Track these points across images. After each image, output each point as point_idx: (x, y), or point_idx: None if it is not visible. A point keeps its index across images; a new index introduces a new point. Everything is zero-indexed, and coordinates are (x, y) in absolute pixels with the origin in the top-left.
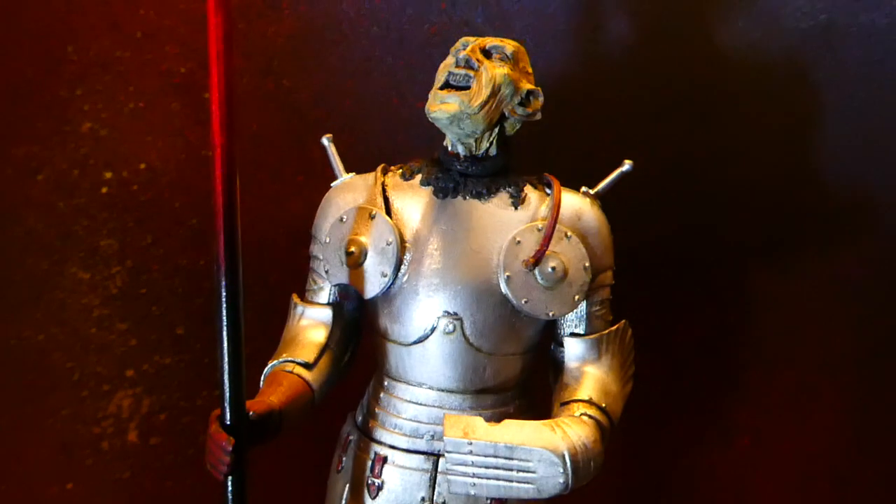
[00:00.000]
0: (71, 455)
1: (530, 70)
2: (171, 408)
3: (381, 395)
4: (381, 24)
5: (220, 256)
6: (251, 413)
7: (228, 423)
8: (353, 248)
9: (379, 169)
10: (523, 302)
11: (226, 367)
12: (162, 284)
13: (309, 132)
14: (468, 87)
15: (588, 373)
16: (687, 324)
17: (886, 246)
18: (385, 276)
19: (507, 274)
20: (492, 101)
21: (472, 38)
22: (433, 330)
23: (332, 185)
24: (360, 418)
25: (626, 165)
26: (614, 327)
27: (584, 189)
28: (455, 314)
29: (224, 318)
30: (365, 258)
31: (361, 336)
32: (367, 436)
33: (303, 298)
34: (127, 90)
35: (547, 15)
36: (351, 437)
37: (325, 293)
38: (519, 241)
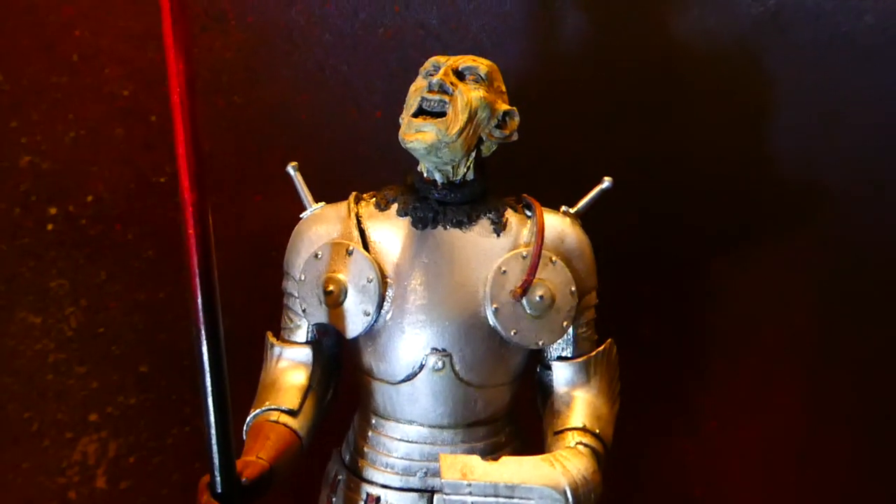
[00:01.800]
0: None
1: (504, 89)
2: (139, 449)
3: (369, 433)
4: (334, 30)
5: (198, 320)
6: (244, 479)
7: (220, 491)
8: (331, 287)
9: (351, 198)
10: (512, 333)
11: (213, 434)
12: (121, 322)
13: (265, 149)
14: (443, 113)
15: (578, 397)
16: (651, 314)
17: (841, 229)
18: (368, 314)
19: (494, 306)
20: (469, 127)
21: (442, 59)
22: (422, 367)
23: (301, 216)
24: (346, 457)
25: (606, 182)
26: (601, 347)
27: (563, 209)
28: (444, 350)
29: (208, 384)
30: (345, 297)
31: (342, 371)
32: (356, 475)
33: (278, 337)
34: (66, 118)
35: (503, 13)
36: (340, 477)
37: (302, 331)
38: (504, 271)
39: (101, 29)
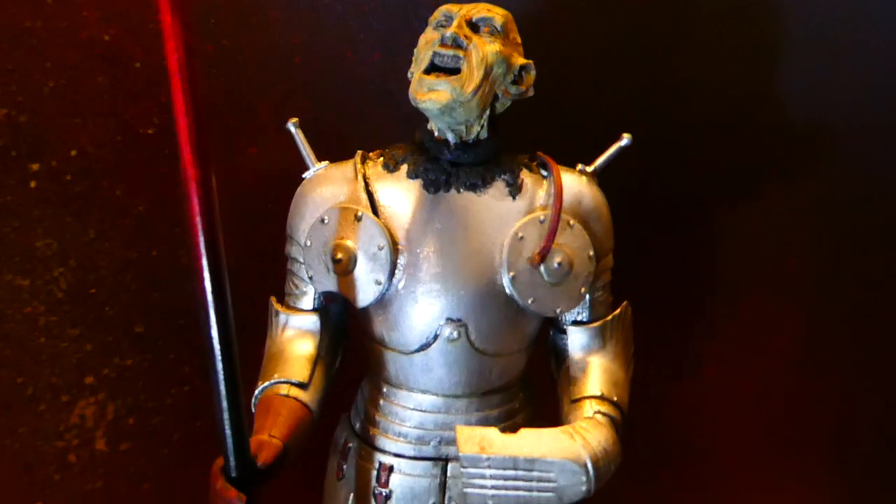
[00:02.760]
0: (36, 473)
1: (519, 40)
2: (138, 410)
3: (381, 402)
4: None
5: (206, 306)
6: (260, 464)
7: (235, 475)
8: (340, 255)
9: (357, 157)
10: (530, 301)
11: (226, 417)
12: (112, 281)
13: (258, 97)
14: (457, 70)
15: (594, 363)
16: (651, 261)
17: (844, 170)
18: (379, 283)
19: (511, 273)
20: (485, 84)
21: (454, 7)
22: (436, 337)
23: (304, 176)
24: (357, 424)
25: (625, 140)
26: (617, 311)
27: (580, 167)
28: (459, 320)
29: (220, 370)
30: (355, 265)
31: (350, 338)
32: (368, 444)
33: (282, 302)
34: (44, 66)
35: None
36: (350, 445)
37: (308, 298)
38: (521, 237)
39: None
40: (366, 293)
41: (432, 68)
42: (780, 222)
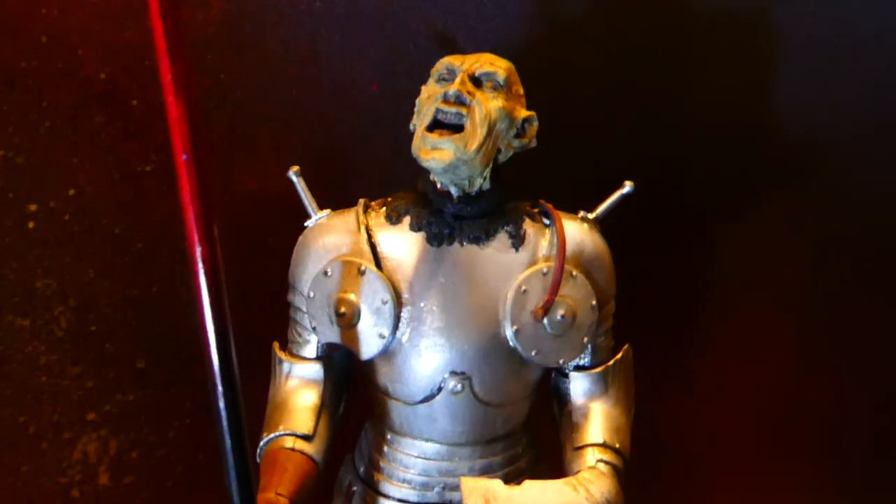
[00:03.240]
0: None
1: (521, 91)
2: (141, 444)
3: (385, 448)
4: None
5: (214, 376)
6: None
7: None
8: (343, 309)
9: (360, 207)
10: (533, 353)
11: (233, 477)
12: (113, 319)
13: (256, 130)
14: (460, 126)
15: (596, 409)
16: (647, 276)
17: (838, 184)
18: (383, 337)
19: (514, 327)
20: (488, 142)
21: (456, 61)
22: (440, 389)
23: (305, 224)
24: (361, 468)
25: (627, 187)
26: (619, 355)
27: (582, 214)
28: (463, 373)
29: (228, 443)
30: (358, 319)
31: (353, 383)
32: (373, 489)
33: (285, 349)
34: (40, 106)
35: None
36: (354, 488)
37: (311, 347)
38: (525, 290)
39: (69, 6)
40: (369, 346)
41: (435, 125)
42: (774, 235)
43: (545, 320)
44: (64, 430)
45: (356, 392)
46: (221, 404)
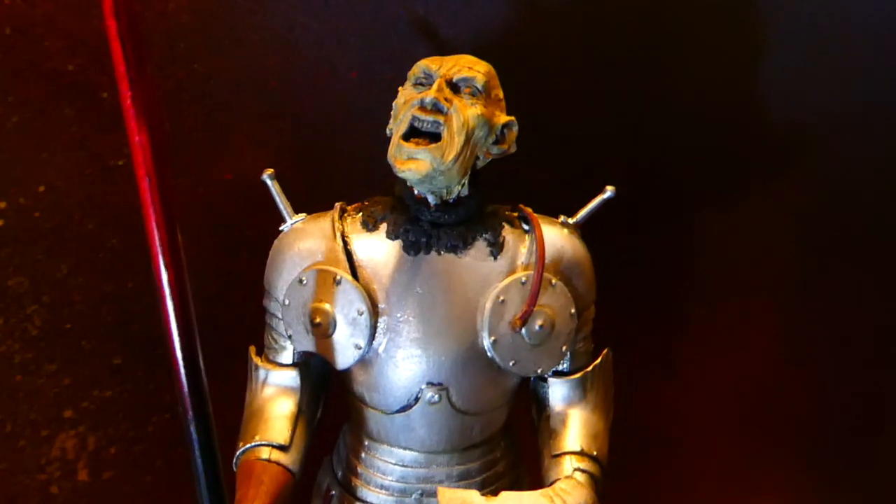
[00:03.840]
0: None
1: (501, 95)
2: (119, 440)
3: (363, 454)
4: None
5: (186, 404)
6: None
7: None
8: (319, 319)
9: (336, 212)
10: (511, 364)
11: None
12: (88, 316)
13: (233, 122)
14: (437, 135)
15: (574, 415)
16: (631, 263)
17: (822, 172)
18: (359, 347)
19: (492, 338)
20: (466, 150)
21: (433, 64)
22: (417, 399)
23: (280, 228)
24: (339, 472)
25: (608, 192)
26: (598, 360)
27: (562, 219)
28: (440, 384)
29: (200, 468)
30: (334, 329)
31: (330, 388)
32: (350, 493)
33: (261, 354)
34: (5, 101)
35: None
36: (333, 492)
37: (288, 353)
38: (503, 300)
39: None
40: (345, 356)
41: (411, 133)
42: (758, 227)
43: (523, 330)
44: (41, 427)
45: (334, 395)
46: (188, 403)
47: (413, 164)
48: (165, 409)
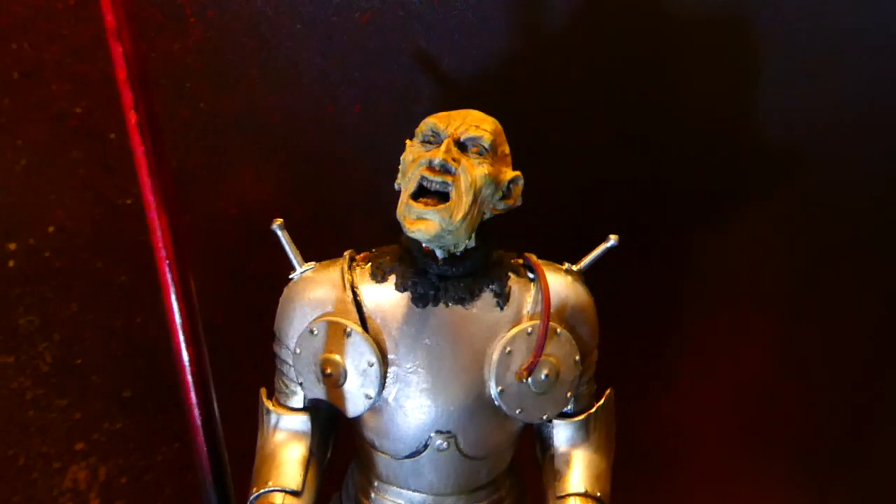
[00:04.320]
0: None
1: (507, 150)
2: (130, 469)
3: (372, 494)
4: (306, 19)
5: (205, 472)
6: None
7: None
8: (330, 370)
9: (344, 263)
10: (517, 412)
11: None
12: (98, 351)
13: (237, 158)
14: (446, 195)
15: (578, 456)
16: (630, 279)
17: (817, 189)
18: (370, 397)
19: (499, 388)
20: (473, 209)
21: (441, 123)
22: (426, 446)
23: (290, 277)
24: None
25: (612, 241)
26: (601, 401)
27: (566, 266)
28: (448, 432)
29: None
30: (345, 379)
31: (339, 429)
32: None
33: (271, 396)
34: (14, 144)
35: None
36: None
37: (298, 398)
38: (510, 351)
39: (41, 40)
40: (356, 405)
41: (420, 192)
42: (754, 238)
43: (529, 380)
44: (53, 460)
45: (342, 435)
46: (201, 435)
47: (422, 224)
48: (174, 437)
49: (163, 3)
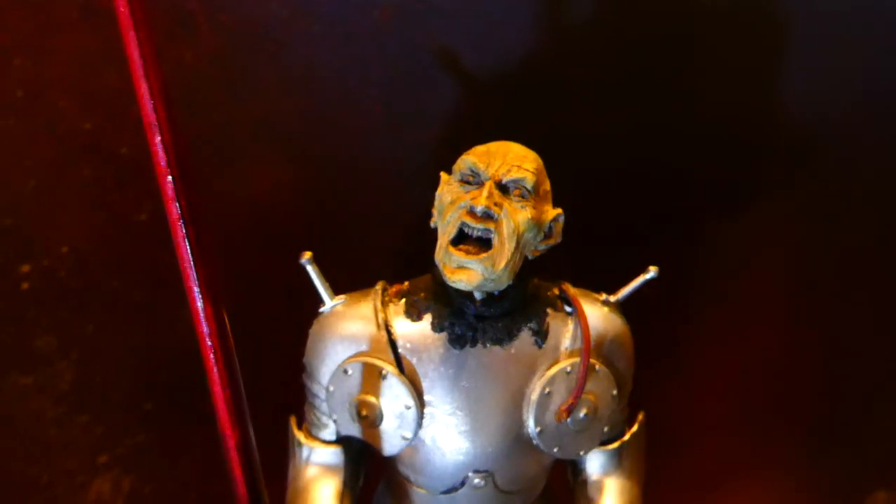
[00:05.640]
0: None
1: (548, 186)
2: (153, 480)
3: None
4: (323, 20)
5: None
6: None
7: None
8: (365, 412)
9: (377, 297)
10: (555, 450)
11: None
12: (117, 369)
13: (254, 169)
14: (487, 241)
15: (610, 484)
16: (642, 266)
17: (834, 172)
18: (406, 438)
19: (538, 428)
20: (515, 255)
21: (481, 163)
22: (463, 484)
23: (320, 310)
24: None
25: (651, 273)
26: (634, 427)
27: (604, 297)
28: (486, 471)
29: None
30: (381, 421)
31: (371, 455)
32: None
33: (301, 426)
34: (22, 165)
35: None
36: None
37: (330, 430)
38: (549, 392)
39: (44, 56)
40: (392, 445)
41: (459, 237)
42: (769, 226)
43: (568, 420)
44: (77, 475)
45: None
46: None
47: (464, 274)
48: (197, 446)
49: (171, 8)
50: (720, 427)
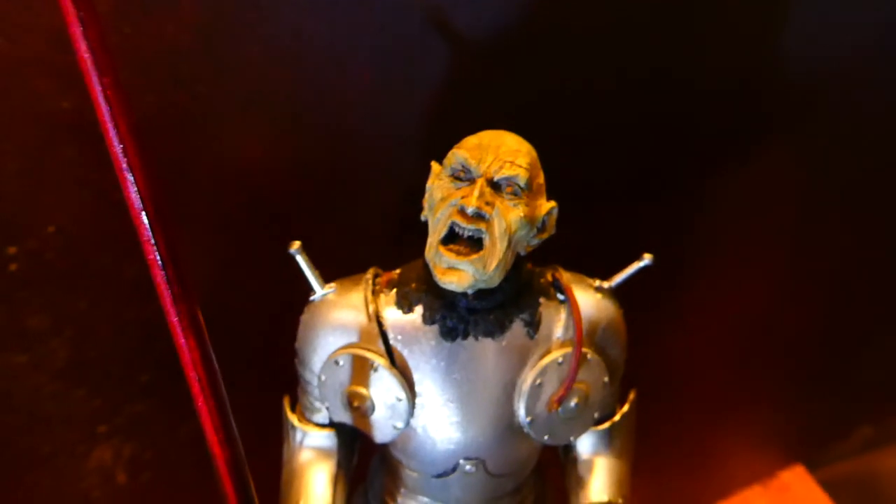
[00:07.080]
0: None
1: (542, 179)
2: (153, 446)
3: (399, 498)
4: None
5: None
6: None
7: None
8: (357, 403)
9: (368, 288)
10: (546, 438)
11: None
12: (112, 343)
13: (242, 143)
14: (479, 241)
15: (601, 463)
16: (644, 220)
17: (832, 122)
18: (398, 428)
19: (529, 418)
20: (507, 253)
21: (472, 159)
22: (454, 469)
23: (310, 298)
24: None
25: (646, 260)
26: (625, 409)
27: (597, 283)
28: (477, 458)
29: None
30: (373, 411)
31: (364, 436)
32: None
33: (294, 410)
34: (3, 149)
35: None
36: None
37: (324, 414)
38: (540, 383)
39: (20, 34)
40: (384, 434)
41: (450, 237)
42: (764, 174)
43: (560, 409)
44: (77, 444)
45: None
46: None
47: (455, 275)
48: (195, 413)
49: None
50: (717, 366)
